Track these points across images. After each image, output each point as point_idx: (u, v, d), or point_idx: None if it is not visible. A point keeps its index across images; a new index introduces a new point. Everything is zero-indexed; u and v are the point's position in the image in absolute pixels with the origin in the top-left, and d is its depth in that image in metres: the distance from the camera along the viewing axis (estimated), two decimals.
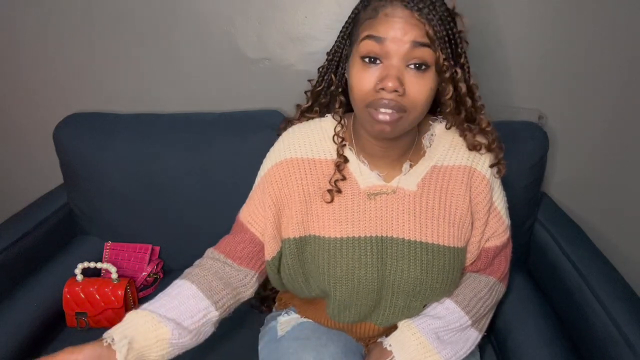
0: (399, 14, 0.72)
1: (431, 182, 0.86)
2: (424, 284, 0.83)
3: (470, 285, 0.91)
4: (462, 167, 0.87)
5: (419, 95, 0.73)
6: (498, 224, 0.90)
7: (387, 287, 0.84)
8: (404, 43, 0.71)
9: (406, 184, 0.85)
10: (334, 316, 0.89)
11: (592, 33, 1.22)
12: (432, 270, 0.82)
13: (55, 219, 1.32)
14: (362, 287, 0.83)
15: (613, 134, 1.32)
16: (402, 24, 0.71)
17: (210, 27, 1.32)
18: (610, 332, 0.88)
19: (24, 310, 1.10)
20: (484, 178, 0.87)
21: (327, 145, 0.88)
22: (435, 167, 0.87)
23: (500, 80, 1.28)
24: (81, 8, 1.32)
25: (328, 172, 0.87)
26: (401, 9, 0.72)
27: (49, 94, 1.44)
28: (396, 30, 0.71)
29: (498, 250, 0.92)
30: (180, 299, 0.80)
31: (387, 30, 0.72)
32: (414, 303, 0.85)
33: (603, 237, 1.32)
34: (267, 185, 0.89)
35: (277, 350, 0.89)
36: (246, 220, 0.92)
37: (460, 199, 0.86)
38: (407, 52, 0.72)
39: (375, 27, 0.73)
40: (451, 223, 0.85)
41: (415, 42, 0.71)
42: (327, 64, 0.88)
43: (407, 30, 0.71)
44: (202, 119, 1.32)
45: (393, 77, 0.71)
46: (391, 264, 0.83)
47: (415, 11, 0.72)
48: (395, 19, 0.72)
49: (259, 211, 0.91)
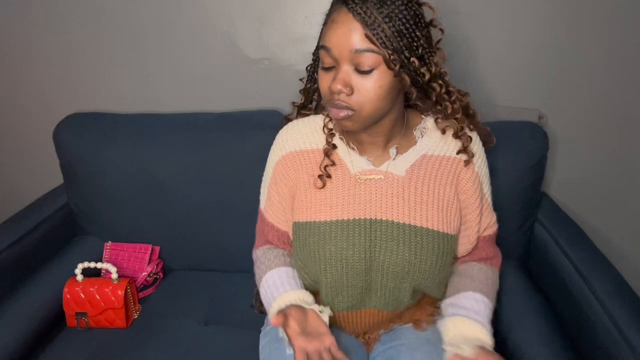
0: (342, 19, 0.76)
1: (420, 169, 0.89)
2: (412, 265, 0.85)
3: (491, 279, 0.95)
4: (452, 158, 0.90)
5: (366, 94, 0.78)
6: (491, 215, 0.96)
7: (376, 268, 0.86)
8: (347, 50, 0.76)
9: (395, 169, 0.89)
10: (328, 302, 0.91)
11: (593, 33, 1.22)
12: (420, 252, 0.84)
13: (55, 219, 1.32)
14: (350, 268, 0.85)
15: (613, 134, 1.32)
16: (344, 30, 0.76)
17: (210, 27, 1.32)
18: (610, 332, 0.88)
19: (24, 310, 1.10)
20: (472, 169, 0.90)
21: (319, 137, 0.93)
22: (425, 156, 0.90)
23: (500, 80, 1.29)
24: (81, 8, 1.32)
25: (320, 160, 0.91)
26: (344, 14, 0.76)
27: (49, 94, 1.44)
28: (339, 37, 0.76)
29: (492, 239, 0.99)
30: (285, 279, 0.92)
31: (332, 38, 0.77)
32: (403, 285, 0.87)
33: (603, 237, 1.32)
34: (278, 178, 0.94)
35: (278, 350, 0.89)
36: (272, 219, 0.98)
37: (447, 187, 0.88)
38: (351, 59, 0.76)
39: (325, 35, 0.79)
40: (440, 209, 0.87)
41: (357, 50, 0.75)
42: (312, 63, 0.93)
43: (348, 37, 0.75)
44: (202, 119, 1.32)
45: (339, 80, 0.77)
46: (380, 245, 0.85)
47: (356, 15, 0.75)
48: (338, 24, 0.76)
49: (280, 205, 0.96)
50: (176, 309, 1.23)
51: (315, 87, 0.94)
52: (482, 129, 0.94)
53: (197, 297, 1.26)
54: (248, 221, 1.08)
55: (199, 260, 1.36)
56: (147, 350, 1.08)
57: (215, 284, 1.30)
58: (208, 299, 1.25)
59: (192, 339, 1.12)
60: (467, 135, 0.89)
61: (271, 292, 0.91)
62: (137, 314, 1.21)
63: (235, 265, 1.32)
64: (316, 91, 0.95)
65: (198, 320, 1.18)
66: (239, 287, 1.25)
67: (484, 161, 0.93)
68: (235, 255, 1.31)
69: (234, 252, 1.30)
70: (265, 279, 0.93)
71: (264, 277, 0.94)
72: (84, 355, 1.07)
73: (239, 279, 1.28)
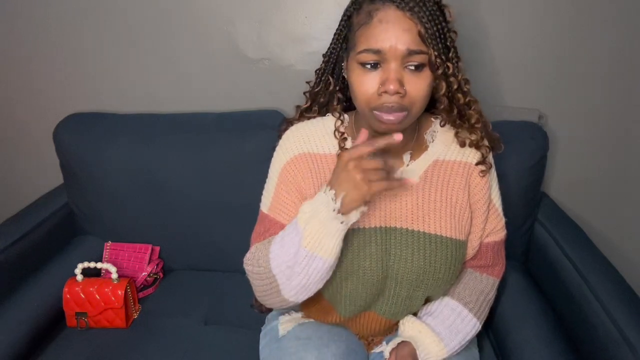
0: (391, 17, 0.73)
1: (433, 175, 0.87)
2: (426, 273, 0.83)
3: (477, 287, 0.92)
4: (463, 163, 0.88)
5: (419, 94, 0.75)
6: (497, 221, 0.93)
7: (391, 277, 0.84)
8: (401, 50, 0.73)
9: (409, 176, 0.86)
10: (342, 311, 0.89)
11: (593, 33, 1.22)
12: (434, 261, 0.83)
13: (55, 219, 1.32)
14: (367, 277, 0.83)
15: (613, 134, 1.32)
16: (397, 30, 0.73)
17: (210, 27, 1.32)
18: (610, 332, 0.88)
19: (24, 310, 1.10)
20: (485, 176, 0.89)
21: (330, 141, 0.89)
22: (437, 162, 0.88)
23: (500, 80, 1.29)
24: (81, 8, 1.32)
25: (333, 166, 0.86)
26: (393, 11, 0.73)
27: (49, 94, 1.44)
28: (391, 38, 0.72)
29: (497, 247, 0.94)
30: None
31: (384, 40, 0.73)
32: (416, 293, 0.86)
33: (603, 237, 1.32)
34: (288, 179, 0.88)
35: (278, 350, 0.89)
36: (281, 217, 0.88)
37: (460, 193, 0.87)
38: (404, 57, 0.73)
39: (371, 37, 0.74)
40: (452, 215, 0.86)
41: (411, 50, 0.73)
42: (323, 66, 0.89)
43: (402, 37, 0.72)
44: (202, 119, 1.32)
45: (394, 80, 0.73)
46: (394, 253, 0.83)
47: (407, 11, 0.73)
48: (389, 25, 0.73)
49: (293, 203, 0.88)
50: (176, 309, 1.23)
51: (331, 90, 0.89)
52: (492, 135, 0.91)
53: (197, 297, 1.26)
54: (248, 221, 1.08)
55: (199, 260, 1.36)
56: (147, 350, 1.08)
57: (215, 284, 1.30)
58: (208, 299, 1.25)
59: (191, 338, 1.12)
60: (486, 146, 0.87)
61: (291, 234, 0.77)
62: (137, 313, 1.21)
63: (235, 265, 1.31)
64: (324, 94, 0.91)
65: (198, 320, 1.18)
66: (239, 287, 1.25)
67: (493, 167, 0.92)
68: (235, 255, 1.29)
69: (234, 252, 1.29)
70: (273, 248, 0.80)
71: (271, 249, 0.80)
72: (84, 355, 1.07)
73: (239, 279, 1.27)
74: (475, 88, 0.86)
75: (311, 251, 0.73)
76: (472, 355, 0.94)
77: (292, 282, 0.78)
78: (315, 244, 0.73)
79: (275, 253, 0.79)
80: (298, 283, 0.77)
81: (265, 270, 0.81)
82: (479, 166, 0.88)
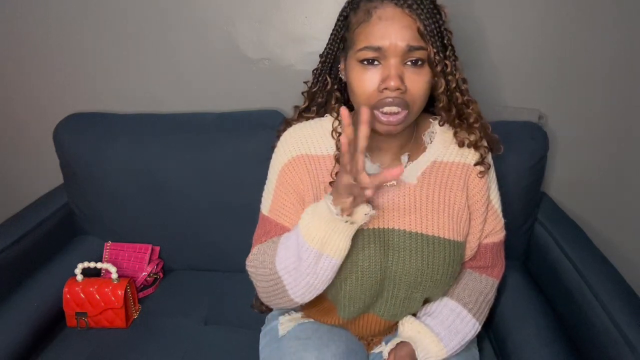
0: (391, 14, 0.74)
1: (431, 176, 0.87)
2: (425, 275, 0.83)
3: (477, 288, 0.92)
4: (461, 164, 0.88)
5: (419, 90, 0.76)
6: (496, 222, 0.93)
7: (389, 278, 0.84)
8: (401, 46, 0.73)
9: (407, 177, 0.86)
10: (342, 312, 0.89)
11: (594, 34, 1.22)
12: (432, 262, 0.83)
13: (55, 219, 1.32)
14: (365, 279, 0.83)
15: (613, 134, 1.32)
16: (397, 27, 0.73)
17: (210, 27, 1.32)
18: (610, 332, 0.88)
19: (24, 310, 1.10)
20: (484, 177, 0.89)
21: (328, 142, 0.89)
22: (436, 162, 0.88)
23: (501, 80, 1.29)
24: (81, 8, 1.32)
25: (331, 167, 0.87)
26: (392, 8, 0.74)
27: (49, 94, 1.44)
28: (391, 35, 0.73)
29: (496, 248, 0.94)
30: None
31: (384, 37, 0.73)
32: (414, 294, 0.86)
33: (603, 237, 1.32)
34: (286, 181, 0.88)
35: (278, 350, 0.89)
36: (282, 219, 0.89)
37: (459, 194, 0.87)
38: (404, 54, 0.74)
39: (370, 34, 0.74)
40: (450, 216, 0.86)
41: (411, 46, 0.73)
42: (321, 66, 0.89)
43: (402, 34, 0.73)
44: (202, 119, 1.32)
45: (395, 76, 0.73)
46: (393, 255, 0.83)
47: (405, 8, 0.73)
48: (389, 22, 0.73)
49: (292, 206, 0.88)
50: (176, 309, 1.23)
51: (328, 89, 0.90)
52: (491, 137, 0.90)
53: (196, 297, 1.26)
54: (248, 221, 1.08)
55: (199, 260, 1.36)
56: (147, 350, 1.08)
57: (215, 284, 1.31)
58: (208, 299, 1.25)
59: (191, 338, 1.12)
60: (485, 147, 0.87)
61: (295, 235, 0.78)
62: (137, 313, 1.21)
63: (235, 265, 1.31)
64: (322, 94, 0.92)
65: (198, 320, 1.18)
66: (239, 287, 1.25)
67: (492, 168, 0.92)
68: (235, 255, 1.30)
69: (234, 252, 1.29)
70: (278, 249, 0.81)
71: (278, 249, 0.81)
72: (84, 355, 1.07)
73: (239, 279, 1.28)
74: (476, 88, 0.86)
75: (320, 250, 0.74)
76: (472, 355, 0.94)
77: (300, 282, 0.78)
78: (323, 243, 0.74)
79: (281, 254, 0.80)
80: (306, 283, 0.78)
81: (271, 271, 0.81)
82: (478, 167, 0.88)
